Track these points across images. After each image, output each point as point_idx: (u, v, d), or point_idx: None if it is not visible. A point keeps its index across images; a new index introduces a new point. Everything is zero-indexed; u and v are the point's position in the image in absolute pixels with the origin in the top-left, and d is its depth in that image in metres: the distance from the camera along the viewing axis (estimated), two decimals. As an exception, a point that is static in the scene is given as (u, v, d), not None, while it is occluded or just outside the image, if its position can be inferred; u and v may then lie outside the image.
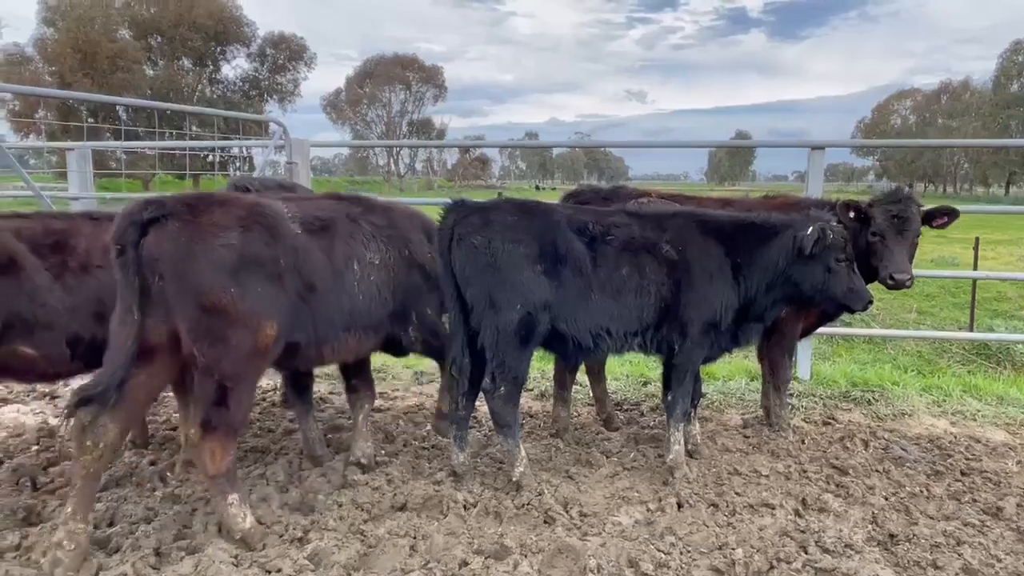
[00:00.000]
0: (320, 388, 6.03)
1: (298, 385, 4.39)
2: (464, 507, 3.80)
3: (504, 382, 3.95)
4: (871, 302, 4.12)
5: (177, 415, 5.20)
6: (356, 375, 4.40)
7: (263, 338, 3.29)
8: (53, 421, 5.12)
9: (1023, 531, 3.63)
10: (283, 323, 3.38)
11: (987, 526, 3.67)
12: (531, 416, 5.34)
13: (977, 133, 66.42)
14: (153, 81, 50.31)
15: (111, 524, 3.56)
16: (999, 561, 3.32)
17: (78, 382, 5.52)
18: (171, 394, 5.72)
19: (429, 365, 6.51)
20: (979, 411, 5.52)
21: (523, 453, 4.09)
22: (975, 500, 3.99)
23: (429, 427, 5.04)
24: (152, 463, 4.32)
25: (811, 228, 3.95)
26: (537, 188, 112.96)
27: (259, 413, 5.36)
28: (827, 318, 5.04)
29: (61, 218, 3.98)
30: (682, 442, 4.27)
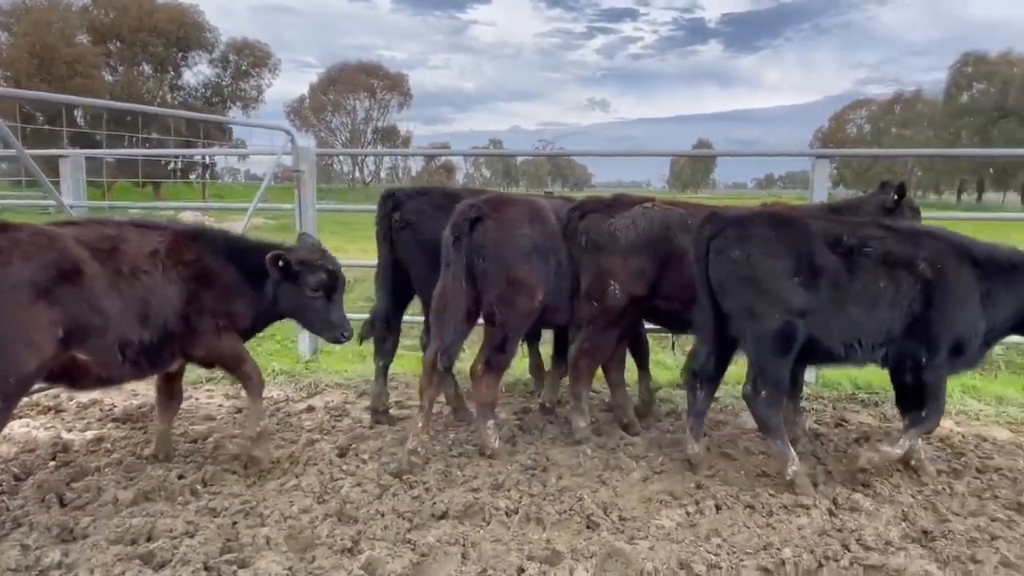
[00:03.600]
0: (334, 398, 5.99)
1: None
2: (506, 514, 3.81)
3: (766, 387, 4.15)
4: None
5: (195, 427, 5.13)
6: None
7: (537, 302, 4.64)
8: (66, 435, 4.98)
9: (1049, 526, 3.77)
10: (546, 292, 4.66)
11: (1014, 521, 3.81)
12: (551, 423, 5.36)
13: (930, 142, 68.57)
14: (112, 87, 49.19)
15: (150, 539, 3.49)
16: (1034, 554, 3.45)
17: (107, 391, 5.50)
18: (192, 407, 5.66)
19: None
20: (981, 411, 5.71)
21: (793, 453, 4.24)
22: (996, 496, 4.13)
23: (453, 436, 5.04)
24: (180, 476, 4.23)
25: None
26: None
27: (277, 424, 5.29)
28: None
29: (111, 225, 4.07)
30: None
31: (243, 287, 4.37)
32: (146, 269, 3.91)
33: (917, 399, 4.33)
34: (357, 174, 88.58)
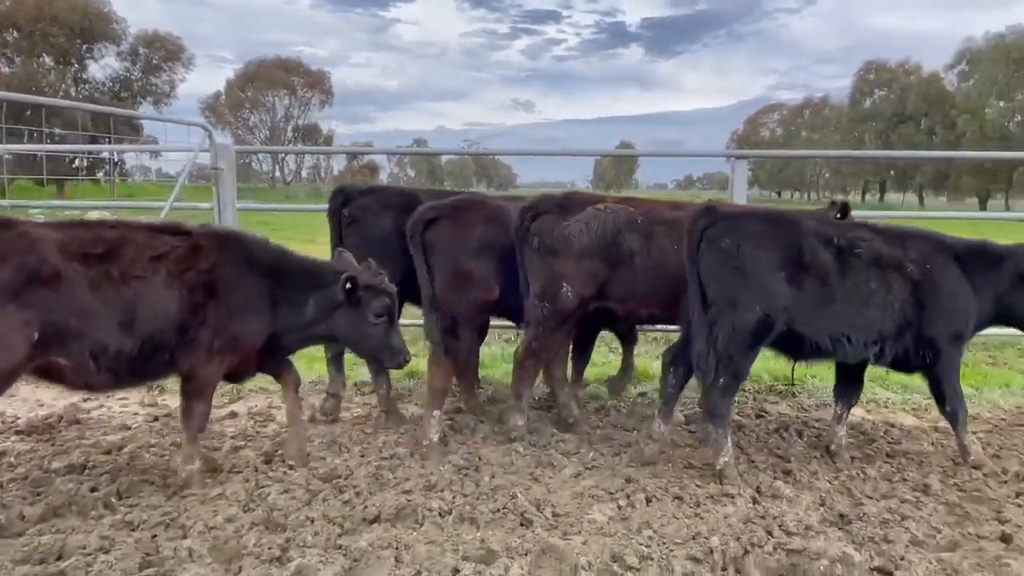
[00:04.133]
0: (258, 403, 5.80)
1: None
2: (440, 515, 3.78)
3: (726, 375, 4.22)
4: None
5: (109, 438, 4.87)
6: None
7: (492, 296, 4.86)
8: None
9: (951, 504, 4.01)
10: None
11: (921, 502, 4.04)
12: (481, 422, 5.35)
13: (836, 145, 71.94)
14: (10, 79, 46.26)
15: (61, 557, 3.29)
16: (939, 532, 3.66)
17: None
18: (105, 416, 5.37)
19: (368, 375, 6.40)
20: (889, 399, 6.04)
21: (729, 445, 4.32)
22: (905, 479, 4.36)
23: (383, 439, 4.96)
24: (92, 489, 4.01)
25: None
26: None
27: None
28: None
29: (116, 227, 3.91)
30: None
31: (264, 304, 4.13)
32: (140, 275, 3.71)
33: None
34: (278, 173, 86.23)
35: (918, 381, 6.26)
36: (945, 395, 4.56)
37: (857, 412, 5.76)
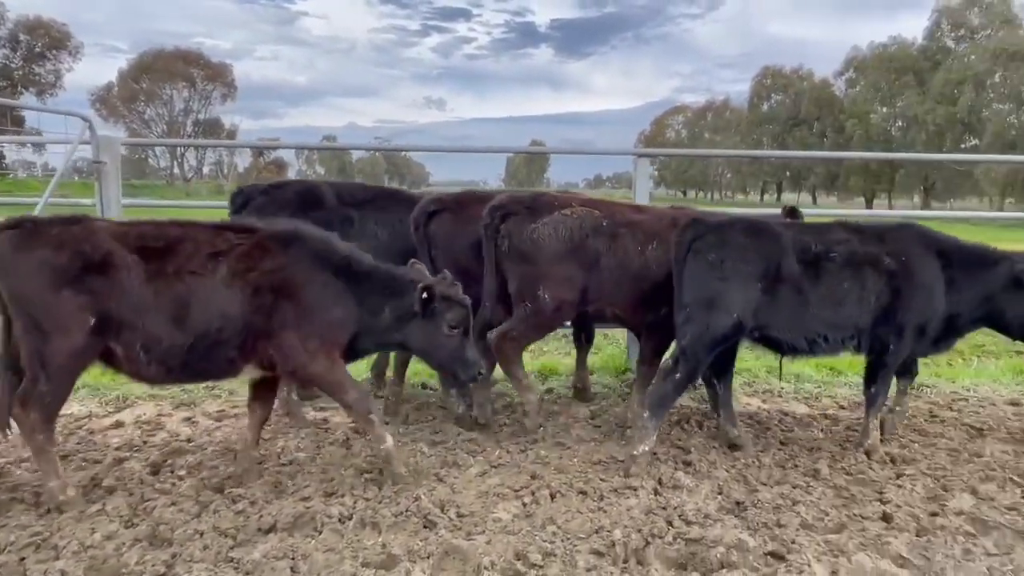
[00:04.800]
0: (146, 411, 5.46)
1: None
2: (340, 521, 3.65)
3: (684, 371, 4.38)
4: None
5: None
6: None
7: None
8: None
9: (839, 487, 4.20)
10: None
11: (811, 486, 4.21)
12: (387, 423, 5.23)
13: (737, 146, 75.08)
14: None
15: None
16: (827, 515, 3.83)
17: None
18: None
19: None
20: (782, 388, 6.30)
21: (654, 439, 4.44)
22: (797, 466, 4.54)
23: (283, 444, 4.77)
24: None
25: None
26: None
27: (77, 443, 4.74)
28: None
29: (178, 225, 3.90)
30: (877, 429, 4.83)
31: (344, 305, 4.01)
32: (196, 271, 3.69)
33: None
34: (176, 169, 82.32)
35: (809, 371, 6.64)
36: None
37: (753, 402, 5.99)
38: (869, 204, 69.28)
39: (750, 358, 7.81)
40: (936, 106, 59.30)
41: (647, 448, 4.40)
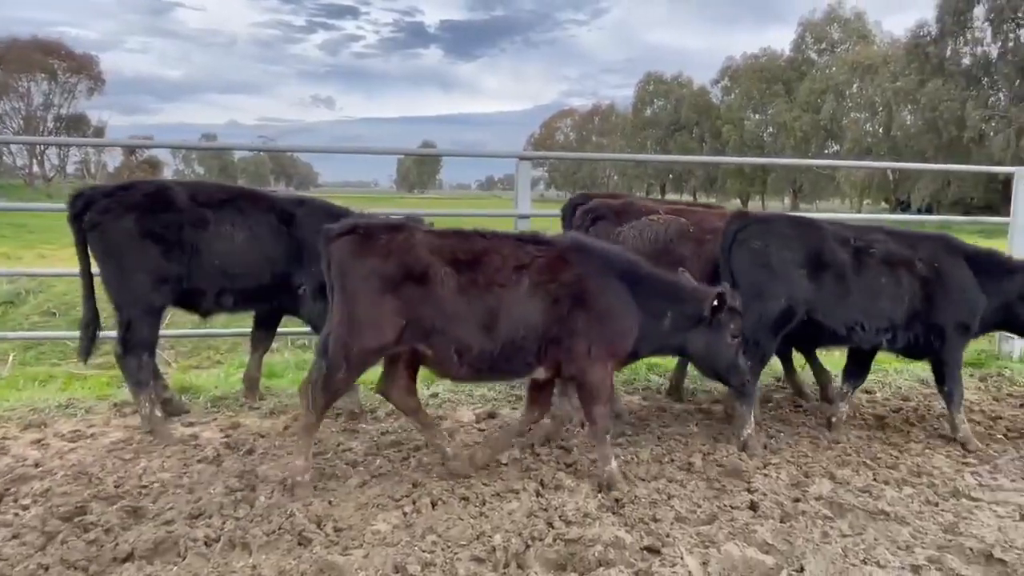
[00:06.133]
0: None
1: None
2: (205, 544, 3.44)
3: (753, 359, 4.70)
4: None
5: None
6: None
7: None
8: None
9: (711, 479, 4.37)
10: None
11: (686, 480, 4.36)
12: (262, 436, 5.00)
13: (623, 149, 77.65)
14: None
15: None
16: (700, 507, 3.97)
17: None
18: None
19: (127, 395, 5.76)
20: (661, 385, 6.50)
21: (752, 419, 4.85)
22: (672, 460, 4.69)
23: (145, 464, 4.45)
24: None
25: None
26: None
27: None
28: None
29: (485, 238, 4.15)
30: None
31: (631, 316, 4.20)
32: (503, 283, 3.96)
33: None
34: (36, 168, 75.97)
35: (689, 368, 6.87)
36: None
37: (634, 399, 6.15)
38: (744, 206, 73.27)
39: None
40: (802, 114, 63.48)
41: (750, 430, 4.81)
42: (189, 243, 4.91)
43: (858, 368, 5.44)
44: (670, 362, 6.84)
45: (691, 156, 57.40)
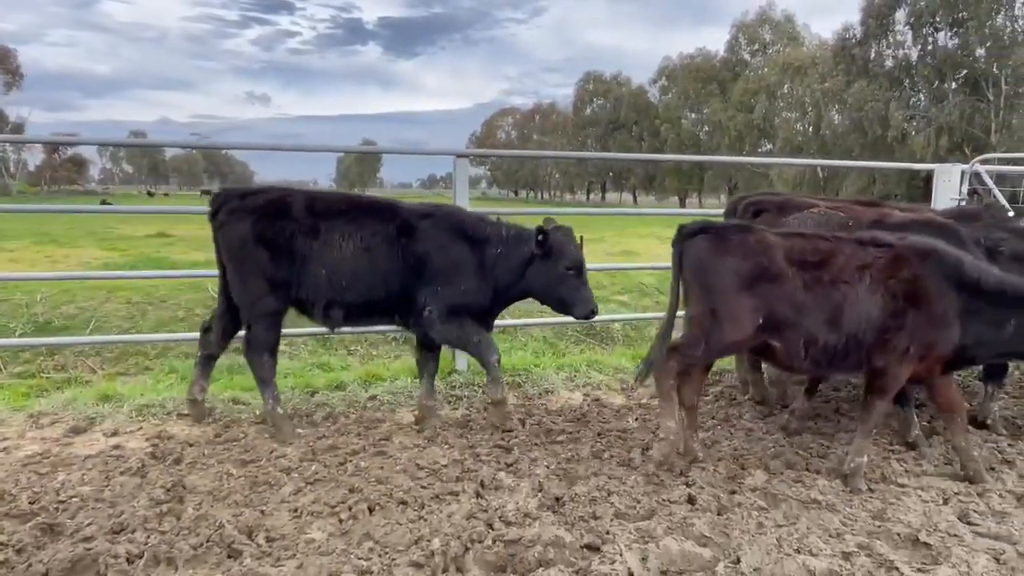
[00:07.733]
0: None
1: None
2: (127, 561, 3.27)
3: None
4: None
5: None
6: None
7: None
8: None
9: (650, 474, 4.38)
10: None
11: (625, 476, 4.37)
12: (191, 444, 4.80)
13: (564, 148, 78.25)
14: None
15: None
16: (639, 502, 3.98)
17: None
18: None
19: (46, 405, 5.48)
20: (602, 381, 6.52)
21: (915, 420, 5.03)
22: (612, 456, 4.70)
23: (63, 478, 4.21)
24: None
25: None
26: (150, 194, 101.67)
27: None
28: None
29: (828, 240, 4.38)
30: None
31: (956, 316, 4.21)
32: (847, 280, 4.18)
33: None
34: (-50, 167, 71.99)
35: (626, 362, 6.92)
36: None
37: (576, 396, 6.15)
38: (683, 203, 74.86)
39: (575, 352, 8.09)
40: (736, 113, 65.20)
41: (917, 432, 4.98)
42: (299, 252, 4.85)
43: (995, 367, 5.44)
44: (614, 358, 6.88)
45: (630, 154, 58.20)
